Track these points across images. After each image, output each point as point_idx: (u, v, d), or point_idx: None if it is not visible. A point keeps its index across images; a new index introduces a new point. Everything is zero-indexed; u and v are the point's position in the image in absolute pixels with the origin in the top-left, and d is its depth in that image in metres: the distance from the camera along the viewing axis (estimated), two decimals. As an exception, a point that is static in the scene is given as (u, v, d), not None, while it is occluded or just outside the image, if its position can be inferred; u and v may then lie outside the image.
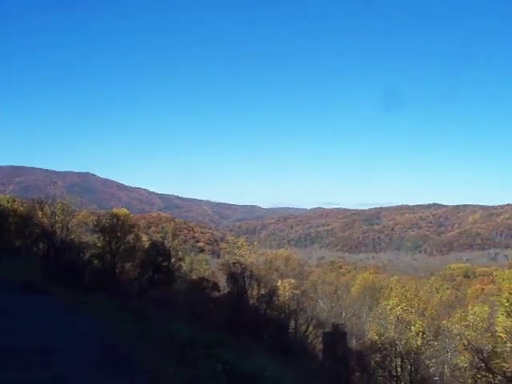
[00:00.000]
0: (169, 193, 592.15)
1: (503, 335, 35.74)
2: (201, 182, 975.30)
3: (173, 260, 55.06)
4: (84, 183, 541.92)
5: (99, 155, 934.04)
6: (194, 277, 61.12)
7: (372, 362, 42.73)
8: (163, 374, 10.63)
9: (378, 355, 42.07)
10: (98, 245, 53.26)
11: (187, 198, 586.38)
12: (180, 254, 59.31)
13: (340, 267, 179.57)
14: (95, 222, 55.62)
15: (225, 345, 16.51)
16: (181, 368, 11.53)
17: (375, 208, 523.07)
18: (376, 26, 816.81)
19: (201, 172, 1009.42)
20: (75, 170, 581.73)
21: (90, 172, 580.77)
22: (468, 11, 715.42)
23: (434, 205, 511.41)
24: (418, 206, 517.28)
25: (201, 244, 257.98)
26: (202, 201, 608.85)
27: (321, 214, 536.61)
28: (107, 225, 53.67)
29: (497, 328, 38.13)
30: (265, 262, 60.78)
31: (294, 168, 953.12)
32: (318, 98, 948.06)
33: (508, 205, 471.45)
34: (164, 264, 53.58)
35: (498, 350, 35.03)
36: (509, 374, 33.28)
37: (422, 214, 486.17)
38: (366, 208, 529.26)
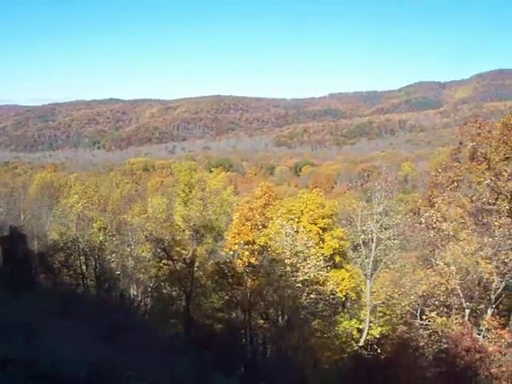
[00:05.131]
0: None
1: (181, 224, 38.32)
2: None
3: None
4: None
5: None
6: None
7: (56, 262, 41.89)
8: None
9: (62, 254, 41.51)
10: None
11: None
12: None
13: (15, 168, 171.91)
14: None
15: None
16: None
17: (50, 104, 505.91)
18: None
19: None
20: None
21: None
22: None
23: (111, 100, 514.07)
24: (95, 101, 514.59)
25: None
26: None
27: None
28: None
29: (175, 217, 40.68)
30: None
31: None
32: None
33: (184, 99, 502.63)
34: None
35: (178, 238, 37.46)
36: (188, 261, 36.21)
37: (100, 109, 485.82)
38: (40, 104, 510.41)
